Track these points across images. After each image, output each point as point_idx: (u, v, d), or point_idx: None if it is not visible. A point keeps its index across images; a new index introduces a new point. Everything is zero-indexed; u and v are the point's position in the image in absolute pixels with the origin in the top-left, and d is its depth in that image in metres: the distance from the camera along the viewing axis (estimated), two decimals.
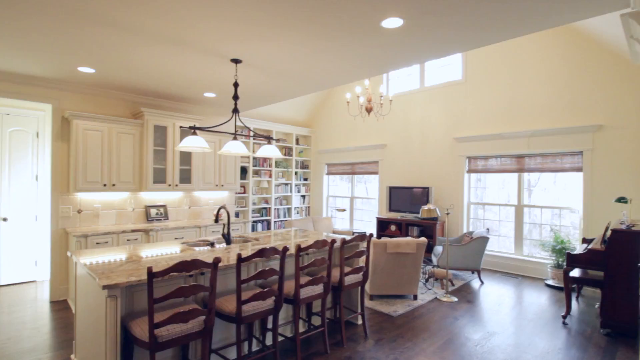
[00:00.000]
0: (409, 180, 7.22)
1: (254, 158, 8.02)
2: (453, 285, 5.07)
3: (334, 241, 3.07)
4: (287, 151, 8.76)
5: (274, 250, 2.61)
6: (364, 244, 4.01)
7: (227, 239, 3.34)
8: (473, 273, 5.76)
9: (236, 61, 3.48)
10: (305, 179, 9.26)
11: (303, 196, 9.13)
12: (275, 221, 8.39)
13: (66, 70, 3.84)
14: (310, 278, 2.91)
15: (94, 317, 2.35)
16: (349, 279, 3.27)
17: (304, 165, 9.25)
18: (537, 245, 5.66)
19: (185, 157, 5.06)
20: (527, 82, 5.76)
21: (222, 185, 5.44)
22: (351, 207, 8.42)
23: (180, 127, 3.01)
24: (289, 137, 8.82)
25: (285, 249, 2.69)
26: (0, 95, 3.99)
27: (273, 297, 2.65)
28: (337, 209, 7.02)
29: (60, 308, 4.09)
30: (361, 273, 3.38)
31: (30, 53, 3.37)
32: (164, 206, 5.09)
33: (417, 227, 6.59)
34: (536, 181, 5.87)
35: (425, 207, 4.53)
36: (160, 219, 4.99)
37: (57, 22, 2.71)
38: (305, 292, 2.89)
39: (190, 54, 3.34)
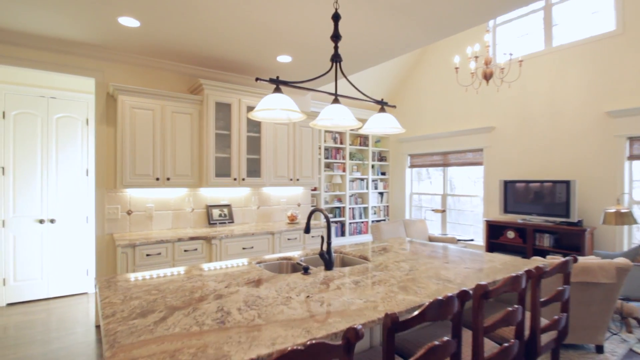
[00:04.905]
0: (531, 172, 5.50)
1: (326, 148, 6.82)
2: (639, 324, 3.38)
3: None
4: (362, 140, 7.44)
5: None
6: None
7: (328, 260, 2.10)
8: None
9: None
10: (383, 173, 7.86)
11: (381, 193, 7.74)
12: (350, 223, 7.13)
13: (105, 26, 2.90)
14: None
15: None
16: (544, 337, 1.87)
17: (382, 157, 7.85)
18: None
19: (254, 143, 3.97)
20: None
21: (298, 180, 4.29)
22: (444, 207, 6.85)
23: (256, 79, 1.83)
24: (363, 123, 7.49)
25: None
26: (40, 67, 3.19)
27: None
28: (433, 210, 5.56)
29: None
30: (557, 329, 1.95)
31: (62, 7, 2.45)
32: (228, 206, 4.05)
33: (549, 235, 4.89)
34: None
35: (611, 210, 2.93)
36: (225, 222, 3.96)
37: None
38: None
39: None
